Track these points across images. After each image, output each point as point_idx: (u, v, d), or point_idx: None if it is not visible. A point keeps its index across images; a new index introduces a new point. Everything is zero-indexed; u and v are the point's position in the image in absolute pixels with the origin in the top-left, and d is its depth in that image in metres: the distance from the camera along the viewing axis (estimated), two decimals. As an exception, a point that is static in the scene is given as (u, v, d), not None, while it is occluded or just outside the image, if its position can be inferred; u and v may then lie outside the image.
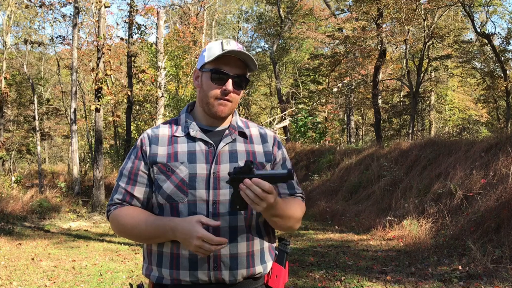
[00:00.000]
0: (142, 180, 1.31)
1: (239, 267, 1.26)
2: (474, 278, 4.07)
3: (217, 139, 1.32)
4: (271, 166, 1.37)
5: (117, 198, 1.32)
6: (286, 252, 1.34)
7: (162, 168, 1.28)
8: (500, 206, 5.02)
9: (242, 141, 1.35)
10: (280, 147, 1.42)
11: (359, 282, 4.14)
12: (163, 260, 1.27)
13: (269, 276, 1.33)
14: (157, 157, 1.30)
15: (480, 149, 6.55)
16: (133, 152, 1.36)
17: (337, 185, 9.81)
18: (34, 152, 15.06)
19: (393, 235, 6.16)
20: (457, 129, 17.18)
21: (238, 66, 1.30)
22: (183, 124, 1.35)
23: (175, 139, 1.33)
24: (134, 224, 1.26)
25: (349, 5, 15.79)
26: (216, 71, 1.29)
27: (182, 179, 1.26)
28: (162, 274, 1.27)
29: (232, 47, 1.28)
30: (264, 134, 1.41)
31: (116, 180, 1.36)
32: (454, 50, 13.95)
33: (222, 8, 21.84)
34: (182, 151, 1.30)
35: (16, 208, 8.32)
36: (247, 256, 1.27)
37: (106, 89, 9.91)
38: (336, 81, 18.42)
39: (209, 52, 1.31)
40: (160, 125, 1.39)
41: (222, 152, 1.30)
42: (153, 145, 1.32)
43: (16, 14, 14.27)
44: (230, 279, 1.25)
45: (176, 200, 1.26)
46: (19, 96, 16.32)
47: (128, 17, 10.81)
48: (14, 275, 4.54)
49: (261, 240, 1.32)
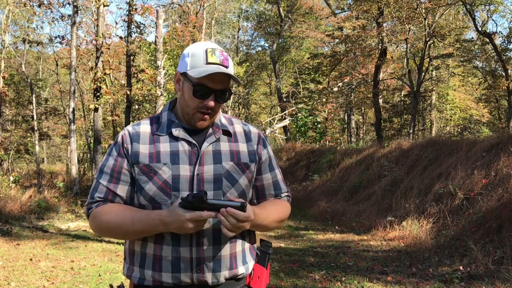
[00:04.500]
0: (125, 178, 1.28)
1: (222, 269, 1.25)
2: (475, 278, 4.05)
3: (201, 139, 1.29)
4: (256, 166, 1.34)
5: (98, 196, 1.28)
6: (268, 253, 1.34)
7: (144, 169, 1.25)
8: (501, 206, 4.99)
9: (226, 140, 1.32)
10: (266, 145, 1.38)
11: (360, 283, 4.11)
12: (146, 261, 1.25)
13: (251, 277, 1.32)
14: (139, 157, 1.26)
15: (481, 149, 6.51)
16: (114, 149, 1.30)
17: (338, 185, 9.78)
18: (32, 152, 15.03)
19: (394, 235, 6.13)
20: (458, 128, 17.15)
21: (222, 81, 1.26)
22: (165, 123, 1.31)
23: (157, 138, 1.29)
24: (119, 221, 1.23)
25: (350, 4, 15.73)
26: (199, 85, 1.24)
27: (165, 180, 1.23)
28: (144, 276, 1.25)
29: (216, 59, 1.23)
30: (248, 131, 1.37)
31: (96, 177, 1.31)
32: (455, 49, 13.90)
33: (221, 7, 21.79)
34: (165, 151, 1.26)
35: (14, 208, 8.28)
36: (229, 257, 1.26)
37: (105, 88, 9.86)
38: (337, 81, 18.39)
39: (192, 60, 1.25)
40: (141, 122, 1.35)
41: (205, 153, 1.27)
42: (134, 143, 1.28)
43: (15, 13, 14.22)
44: (213, 281, 1.24)
45: (159, 202, 1.23)
46: (17, 95, 16.27)
47: (127, 16, 10.77)
48: (12, 275, 4.51)
49: (243, 241, 1.31)
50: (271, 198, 1.39)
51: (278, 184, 1.40)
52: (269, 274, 1.36)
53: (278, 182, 1.40)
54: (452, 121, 19.06)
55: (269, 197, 1.38)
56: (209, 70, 1.21)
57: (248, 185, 1.32)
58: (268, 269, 1.34)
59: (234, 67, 1.34)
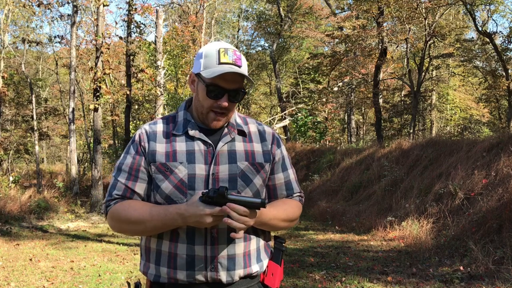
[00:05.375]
0: (143, 176, 1.30)
1: (236, 268, 1.25)
2: (476, 279, 4.04)
3: (216, 139, 1.30)
4: (270, 166, 1.35)
5: (116, 193, 1.29)
6: (282, 251, 1.34)
7: (161, 168, 1.27)
8: (501, 207, 4.97)
9: (241, 140, 1.33)
10: (279, 145, 1.39)
11: (360, 283, 4.10)
12: (161, 259, 1.26)
13: (265, 274, 1.33)
14: (156, 155, 1.28)
15: (482, 149, 6.50)
16: (132, 147, 1.32)
17: (338, 185, 9.77)
18: (32, 152, 15.03)
19: (394, 235, 6.12)
20: (459, 128, 17.14)
21: (235, 80, 1.27)
22: (181, 122, 1.33)
23: (174, 137, 1.31)
24: (138, 216, 1.24)
25: (350, 4, 15.72)
26: (212, 85, 1.25)
27: (181, 179, 1.25)
28: (160, 273, 1.26)
29: (229, 58, 1.25)
30: (263, 131, 1.39)
31: (113, 175, 1.32)
32: (455, 49, 13.89)
33: (221, 7, 21.78)
34: (181, 151, 1.28)
35: (14, 209, 8.27)
36: (244, 256, 1.27)
37: (105, 88, 9.85)
38: (337, 80, 18.38)
39: (206, 61, 1.27)
40: (157, 121, 1.36)
41: (221, 153, 1.29)
42: (151, 142, 1.30)
43: (14, 13, 14.20)
44: (227, 279, 1.25)
45: (174, 201, 1.25)
46: (17, 95, 16.27)
47: (127, 16, 10.75)
48: (12, 276, 4.50)
49: (258, 238, 1.31)
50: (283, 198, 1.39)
51: (290, 184, 1.40)
52: (282, 271, 1.36)
53: (290, 182, 1.40)
54: (453, 121, 19.05)
55: (281, 197, 1.39)
56: (222, 70, 1.23)
57: (263, 184, 1.33)
58: (282, 266, 1.35)
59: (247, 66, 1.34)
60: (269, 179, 1.37)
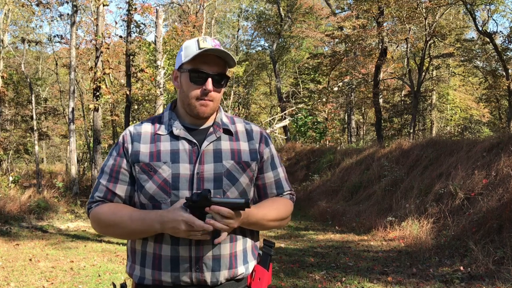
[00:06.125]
0: (123, 178, 1.29)
1: (221, 268, 1.24)
2: (476, 279, 4.03)
3: (201, 138, 1.29)
4: (257, 165, 1.33)
5: (98, 195, 1.30)
6: (270, 255, 1.32)
7: (144, 168, 1.26)
8: (502, 207, 4.97)
9: (227, 138, 1.32)
10: (268, 144, 1.38)
11: (360, 283, 4.10)
12: (146, 260, 1.25)
13: (252, 278, 1.31)
14: (139, 156, 1.27)
15: (482, 149, 6.49)
16: (114, 149, 1.33)
17: (338, 185, 9.76)
18: (32, 152, 15.02)
19: (394, 235, 6.11)
20: (459, 128, 17.14)
21: (217, 64, 1.27)
22: (166, 122, 1.32)
23: (158, 137, 1.30)
24: (117, 220, 1.23)
25: (350, 4, 15.71)
26: (195, 71, 1.26)
27: (165, 179, 1.24)
28: (144, 274, 1.25)
29: (208, 44, 1.25)
30: (250, 130, 1.37)
31: (97, 177, 1.33)
32: (455, 48, 13.88)
33: (221, 7, 21.77)
34: (165, 150, 1.27)
35: (14, 209, 8.26)
36: (230, 257, 1.25)
37: (105, 88, 9.84)
38: (337, 80, 18.37)
39: (186, 51, 1.28)
40: (143, 122, 1.36)
41: (206, 152, 1.27)
42: (135, 143, 1.30)
43: (14, 13, 14.19)
44: (212, 280, 1.23)
45: (159, 201, 1.24)
46: (16, 95, 16.25)
47: (127, 15, 10.74)
48: (12, 276, 4.49)
49: (245, 239, 1.30)
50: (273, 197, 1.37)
51: (280, 183, 1.38)
52: (271, 276, 1.34)
53: (280, 181, 1.38)
54: (453, 121, 19.04)
55: (271, 196, 1.37)
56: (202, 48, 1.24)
57: (249, 184, 1.31)
58: (270, 271, 1.33)
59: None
60: (259, 178, 1.35)
